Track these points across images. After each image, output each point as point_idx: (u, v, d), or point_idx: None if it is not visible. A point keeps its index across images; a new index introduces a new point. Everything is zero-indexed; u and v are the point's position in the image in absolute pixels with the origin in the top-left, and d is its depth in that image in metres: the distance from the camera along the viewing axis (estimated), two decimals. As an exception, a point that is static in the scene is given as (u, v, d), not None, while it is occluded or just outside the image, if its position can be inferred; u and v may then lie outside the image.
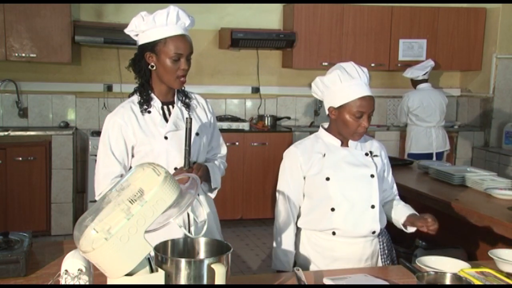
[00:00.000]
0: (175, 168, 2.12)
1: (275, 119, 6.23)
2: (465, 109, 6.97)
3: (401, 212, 2.31)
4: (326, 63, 6.14)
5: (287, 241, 2.30)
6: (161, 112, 2.20)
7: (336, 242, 2.23)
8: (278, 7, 6.27)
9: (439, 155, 5.83)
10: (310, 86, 2.39)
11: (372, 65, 6.24)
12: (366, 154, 2.28)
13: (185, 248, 1.75)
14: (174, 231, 1.83)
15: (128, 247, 1.44)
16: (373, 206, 2.22)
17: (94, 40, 5.46)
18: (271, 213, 5.93)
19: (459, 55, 6.54)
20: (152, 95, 2.21)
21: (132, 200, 1.45)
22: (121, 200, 1.46)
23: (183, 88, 2.26)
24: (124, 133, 2.14)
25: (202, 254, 1.75)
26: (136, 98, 2.23)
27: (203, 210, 2.17)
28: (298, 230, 2.33)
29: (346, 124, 2.21)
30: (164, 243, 1.70)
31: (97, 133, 5.64)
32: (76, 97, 5.84)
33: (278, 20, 6.26)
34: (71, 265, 1.55)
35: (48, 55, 5.36)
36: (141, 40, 2.18)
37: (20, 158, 5.14)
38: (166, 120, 2.19)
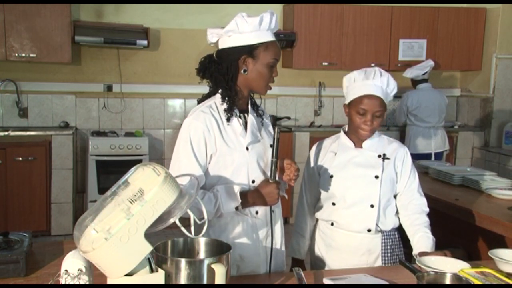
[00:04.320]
0: (253, 181, 2.03)
1: (275, 119, 6.23)
2: (465, 109, 6.97)
3: (416, 245, 2.27)
4: (326, 63, 6.15)
5: (298, 231, 2.49)
6: (240, 121, 2.06)
7: (334, 232, 2.34)
8: (278, 7, 6.28)
9: (438, 155, 5.83)
10: (310, 86, 2.42)
11: (372, 65, 6.15)
12: (379, 156, 2.32)
13: (185, 248, 1.76)
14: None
15: (128, 247, 1.44)
16: (372, 206, 2.27)
17: (94, 40, 5.46)
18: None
19: (459, 55, 6.54)
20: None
21: (132, 200, 1.45)
22: (121, 200, 1.46)
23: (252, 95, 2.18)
24: (207, 140, 1.99)
25: (202, 254, 1.75)
26: (213, 103, 2.05)
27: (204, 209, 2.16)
28: (317, 221, 2.48)
29: (352, 120, 2.32)
30: (164, 243, 1.70)
31: (97, 133, 5.65)
32: (76, 97, 5.83)
33: (278, 20, 6.24)
34: (71, 265, 1.55)
35: (48, 55, 5.36)
36: (235, 41, 2.02)
37: (20, 158, 5.14)
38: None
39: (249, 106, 2.13)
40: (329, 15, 6.11)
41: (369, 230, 2.27)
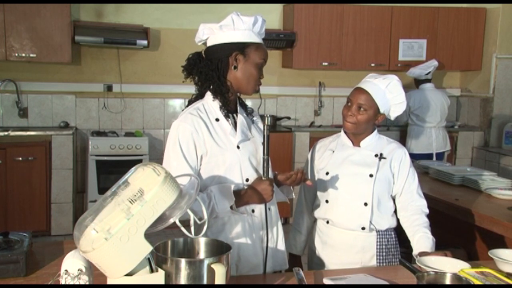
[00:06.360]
0: (247, 180, 2.03)
1: (275, 119, 6.23)
2: (465, 109, 6.97)
3: (416, 245, 2.27)
4: (326, 63, 6.15)
5: (296, 226, 2.55)
6: (229, 120, 2.07)
7: (330, 229, 2.37)
8: (278, 7, 6.28)
9: (440, 156, 5.83)
10: (310, 86, 2.43)
11: (372, 65, 6.24)
12: (376, 155, 2.33)
13: (185, 248, 1.76)
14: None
15: (128, 247, 1.44)
16: (366, 204, 2.28)
17: (94, 40, 5.46)
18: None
19: (459, 55, 6.54)
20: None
21: (132, 200, 1.45)
22: (121, 200, 1.46)
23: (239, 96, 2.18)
24: (196, 141, 1.99)
25: (202, 254, 1.75)
26: (201, 105, 2.07)
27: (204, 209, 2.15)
28: (315, 220, 2.50)
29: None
30: (164, 243, 1.70)
31: (97, 133, 5.65)
32: (76, 97, 5.83)
33: (278, 20, 6.26)
34: (71, 265, 1.55)
35: (48, 55, 5.36)
36: (228, 38, 2.05)
37: (20, 158, 5.14)
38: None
39: (238, 106, 2.14)
40: (329, 15, 6.11)
41: (363, 228, 2.29)
